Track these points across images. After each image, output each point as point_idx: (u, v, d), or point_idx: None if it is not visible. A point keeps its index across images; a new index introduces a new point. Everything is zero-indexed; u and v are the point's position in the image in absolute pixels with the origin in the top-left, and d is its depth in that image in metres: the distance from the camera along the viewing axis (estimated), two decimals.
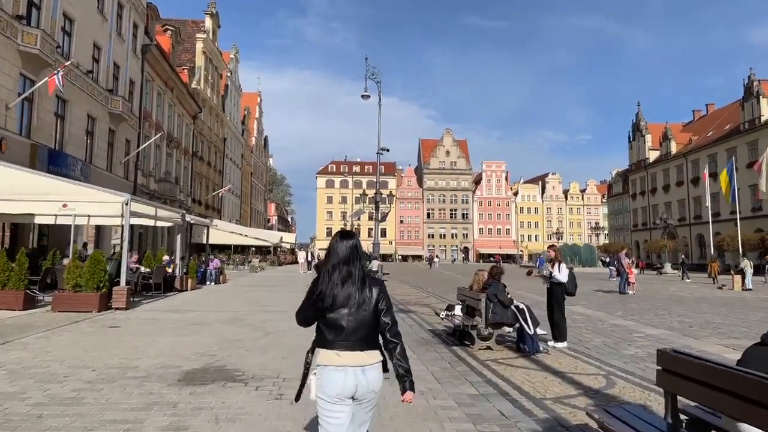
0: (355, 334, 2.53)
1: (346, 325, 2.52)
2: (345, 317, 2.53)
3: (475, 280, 7.86)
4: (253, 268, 31.35)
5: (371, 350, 2.57)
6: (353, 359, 2.50)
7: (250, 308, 12.01)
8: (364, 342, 2.55)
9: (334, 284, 2.57)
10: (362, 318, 2.54)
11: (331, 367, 2.51)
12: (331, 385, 2.48)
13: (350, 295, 2.55)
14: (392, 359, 2.60)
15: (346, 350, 2.51)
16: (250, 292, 16.58)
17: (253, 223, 67.98)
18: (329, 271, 2.61)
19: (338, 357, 2.51)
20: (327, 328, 2.56)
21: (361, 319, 2.54)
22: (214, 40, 48.79)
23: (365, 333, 2.55)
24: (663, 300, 16.08)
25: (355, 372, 2.49)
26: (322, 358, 2.56)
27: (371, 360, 2.55)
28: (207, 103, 46.10)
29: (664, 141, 67.94)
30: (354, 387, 2.49)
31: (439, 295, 16.24)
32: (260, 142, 77.98)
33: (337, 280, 2.57)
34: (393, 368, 2.61)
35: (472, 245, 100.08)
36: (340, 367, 2.49)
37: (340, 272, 2.59)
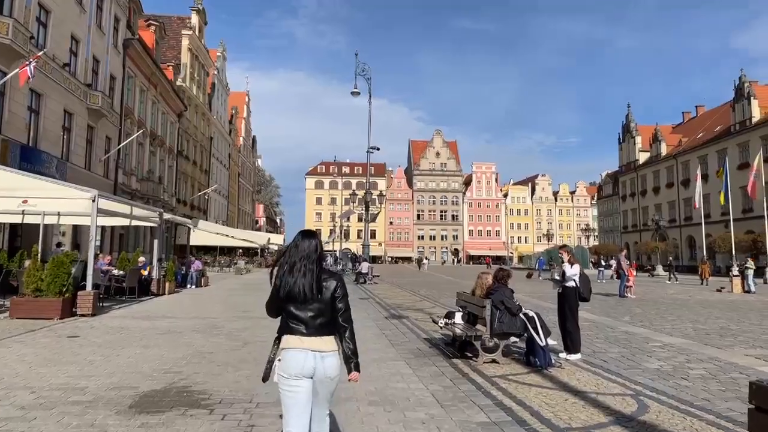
0: (314, 321, 2.82)
1: (306, 314, 2.82)
2: (305, 307, 2.82)
3: (478, 284, 7.02)
4: (238, 270, 30.28)
5: (329, 337, 2.87)
6: (313, 344, 2.79)
7: (230, 314, 11.08)
8: (323, 329, 2.84)
9: (296, 277, 2.85)
10: (321, 308, 2.84)
11: (293, 350, 2.80)
12: (292, 364, 2.77)
13: (310, 287, 2.82)
14: (342, 341, 2.90)
15: (307, 336, 2.80)
16: (232, 296, 15.64)
17: (241, 224, 66.77)
18: (291, 266, 2.90)
19: (300, 341, 2.80)
20: (290, 318, 2.85)
21: (319, 308, 2.83)
22: (201, 37, 47.67)
23: (324, 321, 2.84)
24: (666, 304, 15.37)
25: (315, 356, 2.78)
26: (285, 343, 2.86)
27: (329, 347, 2.84)
28: (193, 101, 44.99)
29: (654, 142, 67.79)
30: (312, 369, 2.77)
31: (432, 299, 15.42)
32: (248, 142, 76.79)
33: (298, 273, 2.86)
34: (342, 349, 2.90)
35: (462, 247, 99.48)
36: (301, 350, 2.78)
37: (301, 267, 2.87)
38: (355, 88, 26.42)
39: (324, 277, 2.90)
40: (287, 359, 2.80)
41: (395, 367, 6.15)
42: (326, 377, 2.80)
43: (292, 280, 2.84)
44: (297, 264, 2.88)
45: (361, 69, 26.87)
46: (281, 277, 2.89)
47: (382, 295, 16.35)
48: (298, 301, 2.82)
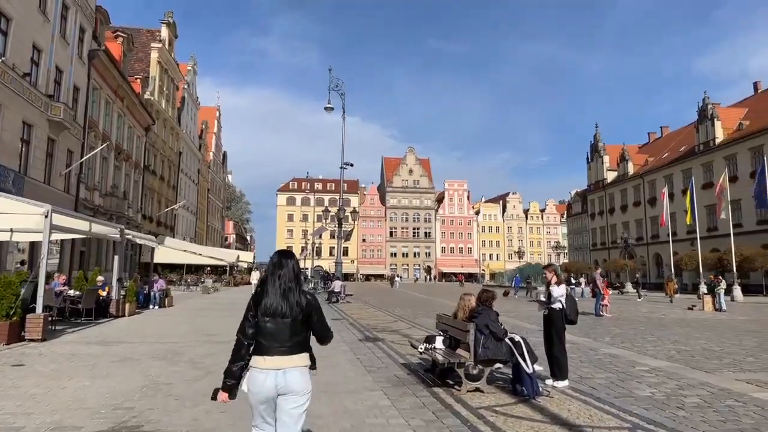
0: (289, 339, 2.88)
1: (282, 332, 2.87)
2: (278, 326, 2.87)
3: (461, 306, 6.59)
4: (205, 289, 29.22)
5: (298, 355, 2.91)
6: (276, 363, 2.84)
7: (193, 338, 10.38)
8: (295, 347, 2.90)
9: (272, 297, 2.92)
10: (296, 325, 2.90)
11: (255, 369, 2.87)
12: (254, 384, 2.85)
13: (284, 307, 2.89)
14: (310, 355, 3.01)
15: (273, 355, 2.85)
16: (196, 318, 14.83)
17: (210, 241, 65.27)
18: (267, 285, 2.97)
19: (263, 361, 2.86)
20: (264, 336, 2.89)
21: (295, 326, 2.89)
22: (171, 51, 46.83)
23: (298, 339, 2.91)
24: (643, 323, 15.21)
25: (276, 374, 2.82)
26: (251, 362, 2.92)
27: (294, 363, 2.87)
28: (161, 114, 43.95)
29: (622, 162, 69.26)
30: (273, 388, 2.82)
31: (407, 319, 14.93)
32: (218, 158, 75.54)
33: (273, 293, 2.93)
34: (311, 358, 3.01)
35: (435, 264, 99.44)
36: (262, 370, 2.84)
37: (280, 286, 2.94)
38: (329, 104, 26.04)
39: (299, 295, 2.96)
40: (250, 378, 2.90)
41: (372, 399, 5.65)
42: (290, 392, 2.84)
43: (272, 300, 2.91)
44: (276, 284, 2.96)
45: (335, 84, 26.56)
46: (260, 297, 2.96)
47: (355, 315, 15.79)
48: (275, 320, 2.89)
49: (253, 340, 2.94)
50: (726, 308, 20.64)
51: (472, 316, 6.19)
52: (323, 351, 8.87)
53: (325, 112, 25.99)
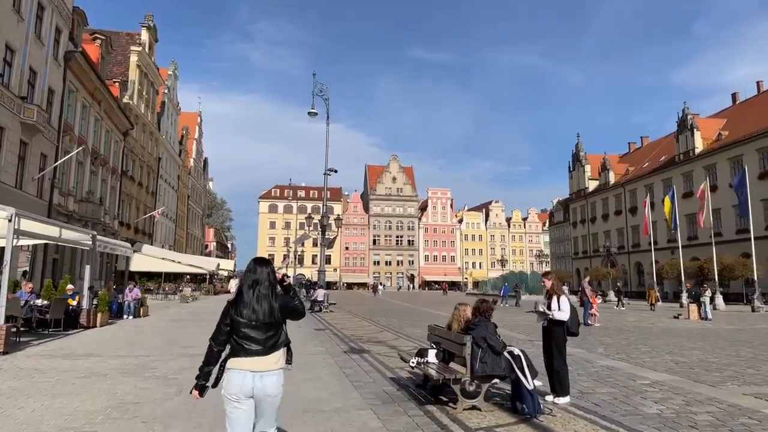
0: (266, 341, 3.08)
1: (259, 335, 3.08)
2: (259, 329, 3.08)
3: (455, 317, 6.16)
4: (184, 298, 28.35)
5: (275, 354, 3.11)
6: (253, 365, 3.03)
7: (167, 350, 9.77)
8: (272, 348, 3.10)
9: (248, 302, 3.12)
10: (273, 328, 3.12)
11: (234, 370, 3.04)
12: (231, 384, 3.01)
13: (260, 311, 3.10)
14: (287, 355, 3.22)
15: (249, 357, 3.05)
16: (172, 328, 14.13)
17: (190, 249, 64.07)
18: (244, 292, 3.17)
19: (241, 362, 3.05)
20: (242, 339, 3.08)
21: (271, 329, 3.11)
22: (151, 54, 45.98)
23: (274, 341, 3.11)
24: (632, 332, 14.95)
25: (253, 376, 3.01)
26: (229, 363, 3.10)
27: (270, 367, 3.07)
28: (140, 119, 43.04)
29: (603, 171, 69.88)
30: (251, 389, 3.00)
31: (394, 329, 14.45)
32: (199, 164, 74.41)
33: (250, 298, 3.13)
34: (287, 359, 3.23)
35: (418, 272, 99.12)
36: (240, 371, 3.02)
37: (254, 291, 3.15)
38: (312, 109, 25.57)
39: (274, 299, 3.16)
40: (228, 379, 3.04)
41: (361, 419, 5.17)
42: (265, 395, 3.01)
43: (249, 305, 3.09)
44: (252, 290, 3.14)
45: (319, 89, 26.10)
46: (237, 302, 3.14)
47: (339, 325, 15.26)
48: (252, 323, 3.06)
49: (223, 347, 3.15)
50: (711, 317, 20.56)
51: (468, 328, 5.76)
52: (306, 363, 8.47)
53: (309, 120, 25.55)
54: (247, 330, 3.06)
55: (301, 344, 10.37)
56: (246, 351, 3.04)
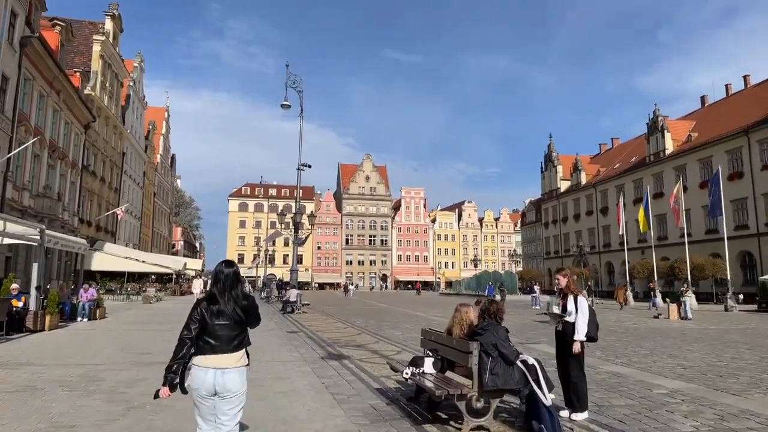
0: (230, 339, 3.22)
1: (224, 332, 3.21)
2: (219, 328, 3.21)
3: (456, 320, 5.29)
4: (147, 299, 26.80)
5: (238, 353, 3.25)
6: (215, 362, 3.17)
7: (120, 358, 8.66)
8: (235, 346, 3.24)
9: (215, 301, 3.28)
10: (237, 326, 3.27)
11: (196, 367, 3.19)
12: (194, 380, 3.18)
13: (227, 310, 3.25)
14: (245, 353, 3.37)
15: (213, 354, 3.18)
16: (130, 332, 12.90)
17: (156, 248, 61.88)
18: (212, 291, 3.35)
19: (205, 360, 3.19)
20: (208, 336, 3.21)
21: (236, 327, 3.26)
22: (115, 45, 44.00)
23: (239, 339, 3.26)
24: (622, 333, 14.39)
25: (215, 373, 3.15)
26: (194, 360, 3.22)
27: (232, 364, 3.19)
28: (103, 112, 41.10)
29: (575, 172, 70.41)
30: (212, 385, 3.15)
31: (372, 331, 13.55)
32: (166, 161, 72.05)
33: (218, 298, 3.29)
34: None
35: (391, 272, 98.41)
36: (202, 368, 3.17)
37: (222, 292, 3.30)
38: (285, 101, 24.49)
39: (239, 300, 3.32)
40: (192, 375, 3.22)
41: None
42: (226, 390, 3.16)
43: (216, 304, 3.27)
44: (219, 289, 3.31)
45: (293, 81, 25.02)
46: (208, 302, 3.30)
47: (314, 327, 14.28)
48: (218, 321, 3.23)
49: (193, 343, 3.22)
50: (691, 317, 20.28)
51: (473, 333, 4.90)
52: (280, 372, 7.52)
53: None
54: (215, 328, 3.20)
55: (274, 349, 9.41)
56: (213, 348, 3.18)
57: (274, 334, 11.98)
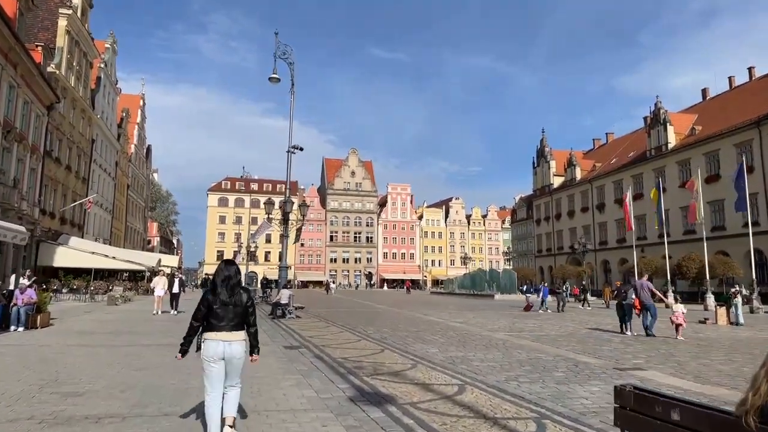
0: (229, 322, 4.26)
1: (225, 316, 4.25)
2: (225, 311, 4.26)
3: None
4: (112, 300, 23.29)
5: (238, 331, 4.31)
6: (224, 336, 4.22)
7: (29, 398, 5.52)
8: (234, 326, 4.28)
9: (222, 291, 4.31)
10: (236, 312, 4.30)
11: (209, 340, 4.23)
12: (209, 349, 4.19)
13: (231, 298, 4.30)
14: (250, 337, 4.42)
15: (221, 331, 4.22)
16: (69, 350, 9.40)
17: (129, 243, 57.99)
18: (218, 283, 4.36)
19: (216, 334, 4.22)
20: (214, 318, 4.25)
21: (235, 312, 4.30)
22: (84, 21, 40.25)
23: (236, 321, 4.30)
24: (712, 347, 11.57)
25: (224, 344, 4.20)
26: (206, 335, 4.27)
27: (236, 338, 4.28)
28: (69, 93, 37.37)
29: (569, 167, 68.25)
30: (222, 352, 4.19)
31: (394, 345, 10.49)
32: (141, 151, 67.97)
33: (221, 288, 4.33)
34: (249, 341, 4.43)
35: (376, 270, 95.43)
36: (214, 340, 4.21)
37: (225, 284, 4.34)
38: (274, 73, 21.37)
39: (241, 291, 4.42)
40: (206, 346, 4.22)
41: None
42: (233, 357, 4.24)
43: (222, 293, 4.30)
44: (224, 282, 4.35)
45: (282, 51, 21.87)
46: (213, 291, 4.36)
47: (317, 339, 11.20)
48: (224, 307, 4.26)
49: (201, 323, 4.32)
50: (743, 321, 17.69)
51: None
52: None
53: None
54: (220, 311, 4.25)
55: (273, 382, 6.41)
56: (218, 327, 4.22)
57: (269, 351, 8.95)
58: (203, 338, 4.20)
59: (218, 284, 4.30)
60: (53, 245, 33.23)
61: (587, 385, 6.50)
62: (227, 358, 4.15)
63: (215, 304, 4.21)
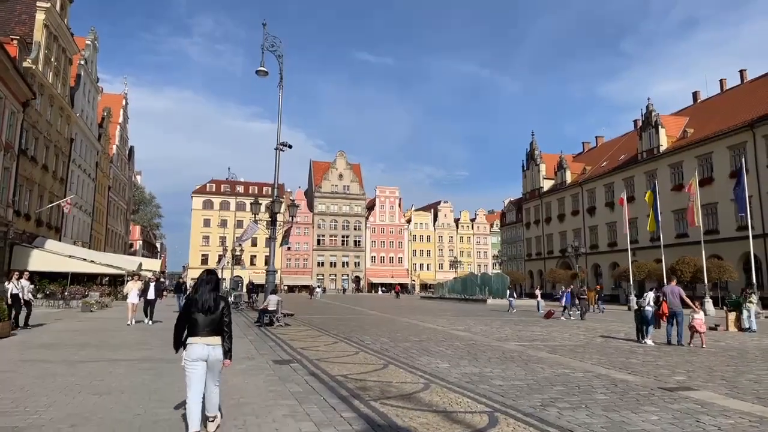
0: (206, 327, 4.63)
1: (206, 321, 4.63)
2: (204, 318, 4.64)
3: None
4: (87, 306, 21.75)
5: (216, 336, 4.67)
6: (206, 340, 4.59)
7: None
8: (213, 331, 4.66)
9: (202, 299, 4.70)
10: (214, 318, 4.67)
11: (193, 344, 4.58)
12: (192, 352, 4.54)
13: (208, 305, 4.68)
14: (224, 341, 4.73)
15: (203, 336, 4.60)
16: (19, 369, 7.90)
17: (110, 247, 56.13)
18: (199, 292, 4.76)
19: (198, 339, 4.59)
20: (194, 323, 4.62)
21: (213, 318, 4.66)
22: (64, 16, 38.70)
23: (213, 327, 4.66)
24: (744, 358, 10.63)
25: (206, 347, 4.57)
26: (189, 339, 4.61)
27: (216, 342, 4.65)
28: (47, 90, 35.79)
29: (559, 170, 67.75)
30: (206, 355, 4.56)
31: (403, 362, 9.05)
32: (123, 152, 66.09)
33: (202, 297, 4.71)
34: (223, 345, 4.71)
35: (364, 274, 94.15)
36: (197, 344, 4.57)
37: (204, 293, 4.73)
38: (262, 66, 20.22)
39: (219, 299, 4.77)
40: (189, 349, 4.57)
41: None
42: (216, 360, 4.62)
43: (202, 300, 4.69)
44: (204, 290, 4.75)
45: (270, 44, 20.74)
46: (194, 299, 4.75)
47: (310, 351, 10.01)
48: (202, 313, 4.64)
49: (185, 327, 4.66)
50: (756, 328, 16.83)
51: None
52: None
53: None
54: (200, 317, 4.62)
55: (262, 408, 5.26)
56: (198, 331, 4.60)
57: (255, 367, 7.78)
58: (187, 342, 4.58)
59: (197, 292, 4.73)
60: (28, 248, 31.66)
61: (641, 411, 5.45)
62: (210, 360, 4.56)
63: (194, 311, 4.62)
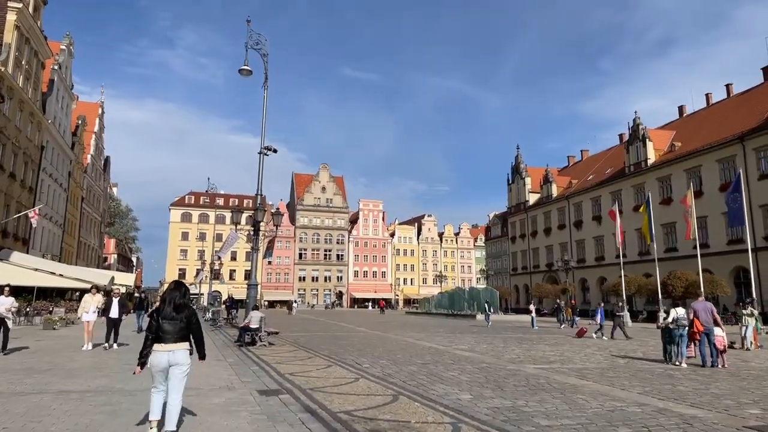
0: (174, 335, 4.99)
1: (170, 329, 4.99)
2: (170, 325, 5.01)
3: None
4: (49, 323, 19.78)
5: (182, 342, 5.05)
6: (168, 347, 4.94)
7: None
8: (178, 338, 5.01)
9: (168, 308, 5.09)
10: (180, 327, 5.06)
11: (156, 352, 4.96)
12: (155, 359, 4.92)
13: (176, 314, 5.07)
14: (198, 349, 5.26)
15: (167, 343, 4.95)
16: None
17: (82, 260, 53.70)
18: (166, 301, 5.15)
19: (162, 346, 4.96)
20: (161, 331, 4.98)
21: (179, 327, 5.05)
22: (37, 18, 37.01)
23: (181, 334, 5.04)
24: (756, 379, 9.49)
25: (168, 354, 4.92)
26: (154, 347, 4.98)
27: (179, 347, 5.00)
28: (16, 94, 33.94)
29: (545, 184, 67.28)
30: (167, 362, 4.90)
31: (415, 392, 7.78)
32: (98, 163, 63.80)
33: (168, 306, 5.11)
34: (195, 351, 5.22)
35: (347, 289, 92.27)
36: (161, 352, 4.92)
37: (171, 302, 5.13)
38: (246, 65, 18.90)
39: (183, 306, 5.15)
40: (153, 358, 4.95)
41: None
42: (176, 364, 4.93)
43: (168, 310, 5.07)
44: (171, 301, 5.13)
45: (254, 41, 19.44)
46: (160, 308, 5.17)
47: (301, 378, 8.51)
48: (170, 322, 5.02)
49: (156, 335, 4.99)
50: (760, 344, 15.66)
51: None
52: None
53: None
54: (166, 325, 4.99)
55: None
56: (165, 339, 4.95)
57: (237, 401, 6.32)
58: (152, 350, 4.94)
59: (165, 302, 5.10)
60: None
61: None
62: (171, 364, 4.90)
63: (162, 320, 4.98)
